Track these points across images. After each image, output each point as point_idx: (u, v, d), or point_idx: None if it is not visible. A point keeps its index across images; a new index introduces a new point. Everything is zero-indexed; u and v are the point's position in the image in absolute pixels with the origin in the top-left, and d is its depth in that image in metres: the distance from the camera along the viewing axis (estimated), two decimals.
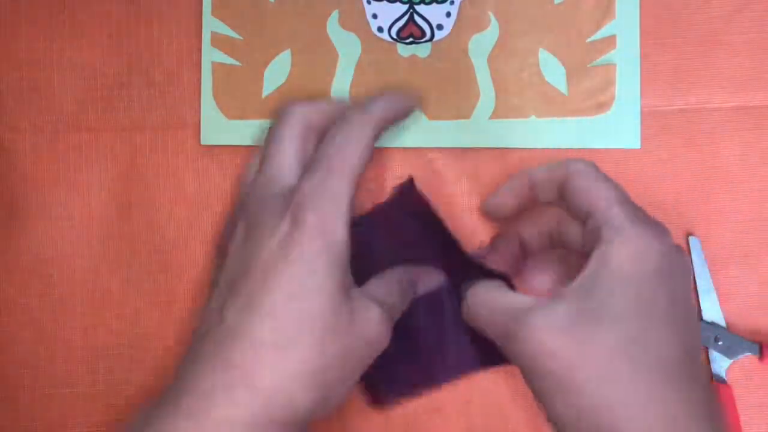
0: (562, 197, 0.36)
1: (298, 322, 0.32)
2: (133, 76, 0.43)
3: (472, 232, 0.42)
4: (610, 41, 0.42)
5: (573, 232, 0.37)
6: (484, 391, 0.42)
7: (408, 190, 0.40)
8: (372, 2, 0.42)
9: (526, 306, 0.33)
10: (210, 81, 0.42)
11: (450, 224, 0.42)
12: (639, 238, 0.32)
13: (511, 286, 0.37)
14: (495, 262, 0.38)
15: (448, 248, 0.38)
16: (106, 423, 0.42)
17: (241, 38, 0.42)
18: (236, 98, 0.42)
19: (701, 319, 0.41)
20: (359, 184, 0.35)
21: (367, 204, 0.42)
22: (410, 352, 0.39)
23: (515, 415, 0.42)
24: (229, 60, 0.42)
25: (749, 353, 0.41)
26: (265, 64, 0.42)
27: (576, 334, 0.31)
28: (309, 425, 0.33)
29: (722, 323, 0.41)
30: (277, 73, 0.42)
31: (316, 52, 0.42)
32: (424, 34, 0.42)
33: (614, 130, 0.42)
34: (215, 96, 0.42)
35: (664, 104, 0.42)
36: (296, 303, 0.32)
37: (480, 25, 0.42)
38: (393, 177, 0.42)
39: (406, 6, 0.42)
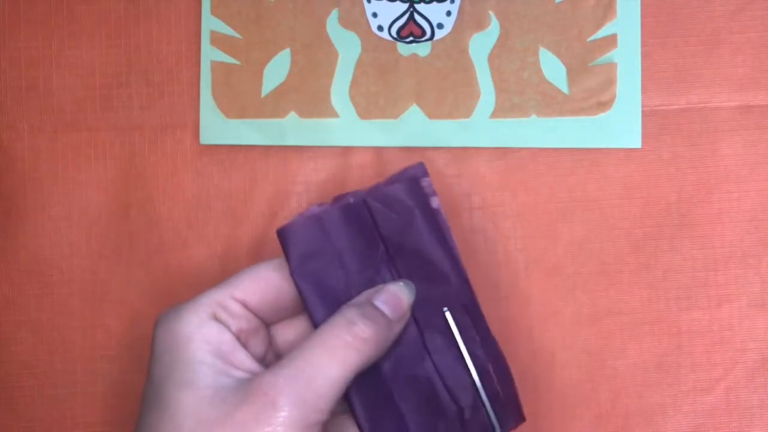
0: None
1: None
2: (132, 75, 0.43)
3: (472, 232, 0.42)
4: (611, 40, 0.42)
5: None
6: None
7: (415, 179, 0.37)
8: (372, 1, 0.42)
9: None
10: (209, 80, 0.42)
11: (450, 224, 0.42)
12: None
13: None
14: None
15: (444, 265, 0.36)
16: (105, 423, 0.42)
17: (240, 37, 0.42)
18: (235, 97, 0.42)
19: None
20: None
21: None
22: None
23: None
24: (228, 59, 0.42)
25: None
26: (265, 63, 0.42)
27: None
28: None
29: None
30: (276, 72, 0.42)
31: (315, 51, 0.42)
32: (424, 33, 0.42)
33: (615, 129, 0.42)
34: (214, 95, 0.42)
35: (665, 103, 0.42)
36: None
37: (480, 24, 0.42)
38: None
39: (407, 5, 0.42)
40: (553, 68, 0.42)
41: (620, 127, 0.42)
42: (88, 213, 0.43)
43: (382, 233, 0.36)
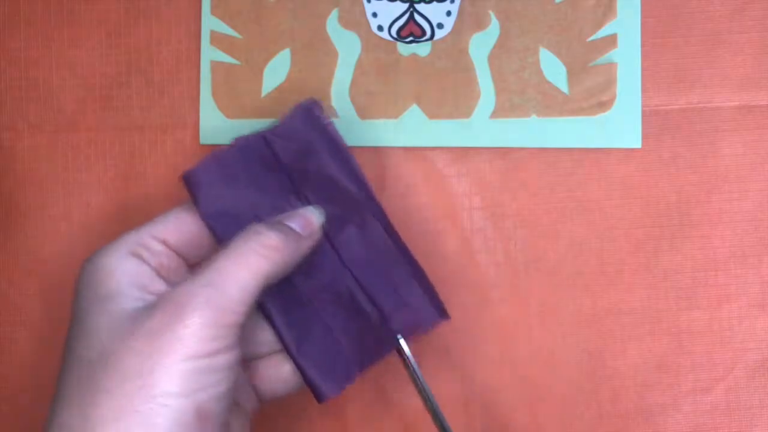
0: None
1: None
2: (132, 75, 0.43)
3: (473, 232, 0.42)
4: (611, 40, 0.42)
5: None
6: (484, 391, 0.42)
7: (309, 109, 0.38)
8: (372, 1, 0.42)
9: None
10: (209, 80, 0.42)
11: (450, 224, 0.42)
12: None
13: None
14: None
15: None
16: None
17: (240, 37, 0.42)
18: (235, 97, 0.42)
19: None
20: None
21: None
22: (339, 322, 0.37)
23: (515, 414, 0.41)
24: (228, 59, 0.42)
25: None
26: (265, 62, 0.42)
27: None
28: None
29: None
30: (276, 72, 0.42)
31: (315, 50, 0.42)
32: (424, 32, 0.42)
33: (615, 129, 0.42)
34: (214, 95, 0.42)
35: (666, 103, 0.42)
36: None
37: (481, 24, 0.42)
38: (393, 177, 0.42)
39: (407, 5, 0.42)
40: (553, 68, 0.42)
41: (620, 127, 0.42)
42: (88, 213, 0.43)
43: (284, 163, 0.37)
